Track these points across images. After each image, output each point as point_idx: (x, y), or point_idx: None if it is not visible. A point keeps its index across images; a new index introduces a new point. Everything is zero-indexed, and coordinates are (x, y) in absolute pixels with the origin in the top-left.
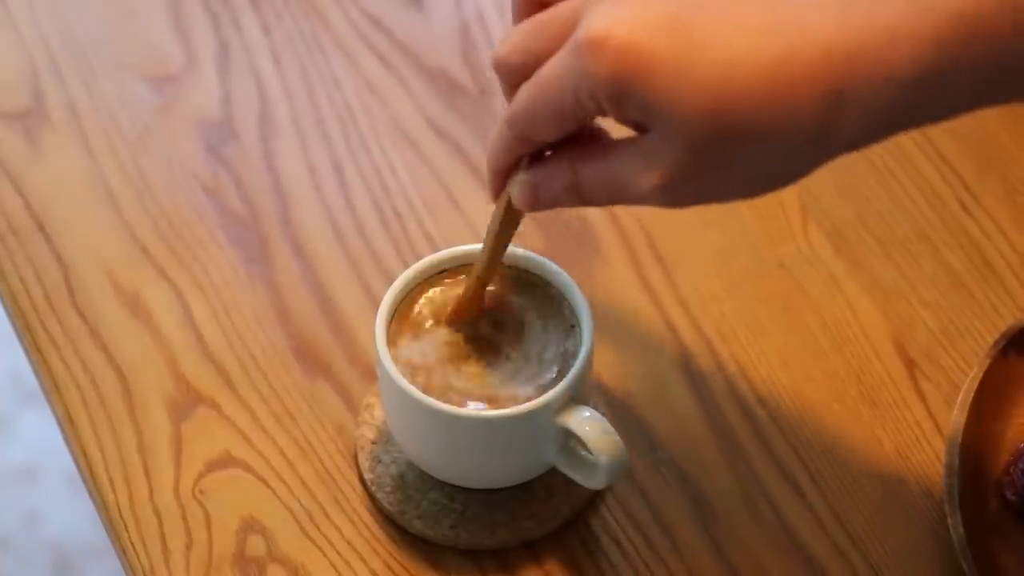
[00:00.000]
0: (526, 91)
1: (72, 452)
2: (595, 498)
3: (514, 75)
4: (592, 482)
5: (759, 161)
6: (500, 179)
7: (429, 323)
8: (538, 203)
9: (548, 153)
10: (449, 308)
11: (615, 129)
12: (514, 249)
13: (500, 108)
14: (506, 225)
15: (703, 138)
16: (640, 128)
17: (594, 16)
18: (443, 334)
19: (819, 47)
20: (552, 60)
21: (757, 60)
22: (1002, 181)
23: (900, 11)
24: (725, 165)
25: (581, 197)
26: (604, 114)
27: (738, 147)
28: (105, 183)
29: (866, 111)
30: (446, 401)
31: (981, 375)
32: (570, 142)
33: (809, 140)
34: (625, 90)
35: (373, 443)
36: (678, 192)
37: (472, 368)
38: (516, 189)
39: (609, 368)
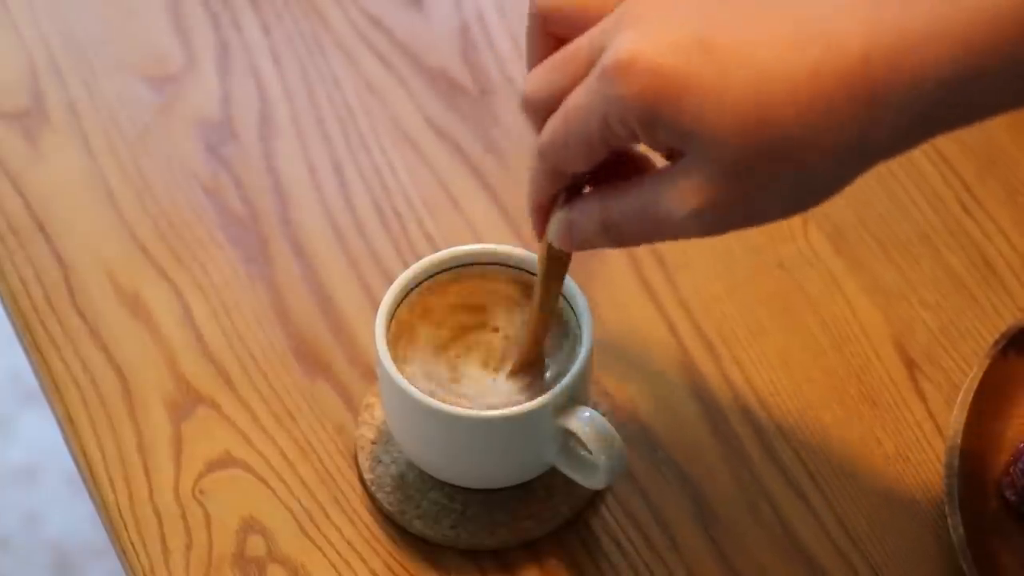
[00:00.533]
0: (554, 122)
1: (72, 452)
2: (595, 498)
3: (542, 111)
4: (592, 482)
5: (799, 176)
6: (541, 216)
7: (431, 323)
8: (572, 241)
9: (586, 190)
10: (512, 363)
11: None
12: (514, 249)
13: (501, 109)
14: (553, 266)
15: (740, 157)
16: (673, 155)
17: (619, 42)
18: (443, 334)
19: (852, 54)
20: (578, 89)
21: (789, 74)
22: (1003, 182)
23: (934, 10)
24: (764, 184)
25: (613, 235)
26: (636, 140)
27: (777, 164)
28: (105, 183)
29: (903, 115)
30: (447, 402)
31: (981, 375)
32: (607, 177)
33: (848, 149)
34: (655, 113)
35: (373, 443)
36: (717, 217)
37: (473, 368)
38: (553, 227)
39: (609, 368)
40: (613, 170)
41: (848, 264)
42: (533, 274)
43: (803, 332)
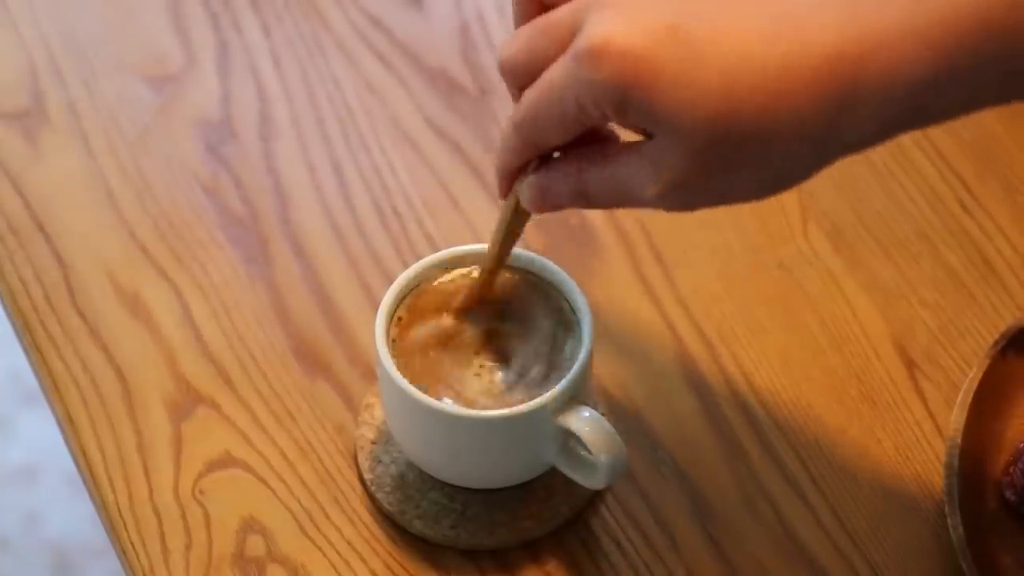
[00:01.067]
0: (530, 96)
1: (72, 452)
2: (595, 498)
3: (519, 77)
4: (592, 482)
5: (763, 165)
6: (508, 181)
7: (431, 323)
8: (545, 205)
9: (557, 155)
10: (459, 298)
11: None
12: (514, 250)
13: (501, 109)
14: (513, 225)
15: (705, 144)
16: (645, 134)
17: (594, 24)
18: (444, 335)
19: (823, 51)
20: (554, 66)
21: (759, 66)
22: (1002, 181)
23: (906, 10)
24: (729, 169)
25: (588, 200)
26: (608, 120)
27: (741, 152)
28: (105, 183)
29: (874, 112)
30: (446, 401)
31: (981, 375)
32: (579, 144)
33: (814, 143)
34: (627, 97)
35: (373, 443)
36: (682, 197)
37: (472, 368)
38: (524, 190)
39: (609, 368)
40: (585, 140)
41: (847, 263)
42: (533, 274)
43: (802, 331)
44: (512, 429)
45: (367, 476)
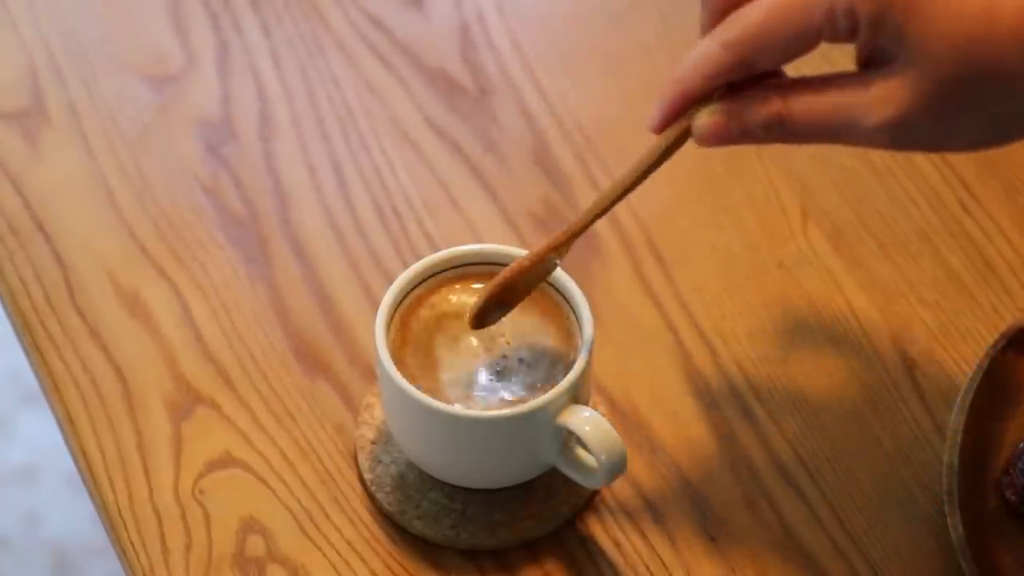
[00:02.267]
0: (762, 10)
1: (72, 452)
2: (595, 498)
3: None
4: (592, 482)
5: (1004, 108)
6: (678, 110)
7: (432, 323)
8: (728, 135)
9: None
10: (553, 239)
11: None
12: (514, 249)
13: (501, 109)
14: (658, 160)
15: (954, 74)
16: (878, 61)
17: None
18: (445, 334)
19: None
20: None
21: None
22: (1002, 182)
23: None
24: (967, 108)
25: (786, 130)
26: (848, 38)
27: (986, 89)
28: (105, 183)
29: None
30: (446, 401)
31: (981, 375)
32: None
33: None
34: (886, 10)
35: (373, 443)
36: (907, 131)
37: (473, 367)
38: (705, 118)
39: (609, 368)
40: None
41: (847, 263)
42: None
43: (802, 331)
44: (512, 429)
45: (367, 476)
